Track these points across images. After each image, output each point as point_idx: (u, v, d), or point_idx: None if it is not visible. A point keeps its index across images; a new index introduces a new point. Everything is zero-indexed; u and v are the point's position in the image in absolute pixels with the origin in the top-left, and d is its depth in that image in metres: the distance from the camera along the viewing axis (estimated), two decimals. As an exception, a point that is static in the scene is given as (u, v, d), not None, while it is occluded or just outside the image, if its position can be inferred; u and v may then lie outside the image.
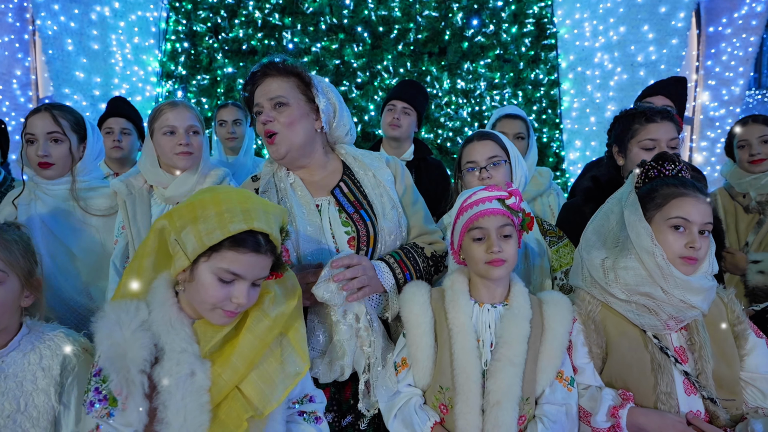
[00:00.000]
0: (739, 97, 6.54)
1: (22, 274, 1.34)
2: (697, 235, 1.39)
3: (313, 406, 1.47)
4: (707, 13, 6.46)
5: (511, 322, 1.46)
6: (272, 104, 1.64)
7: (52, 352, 1.34)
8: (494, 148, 1.92)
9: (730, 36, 6.37)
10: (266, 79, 1.68)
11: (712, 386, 1.40)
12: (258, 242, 1.20)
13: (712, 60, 6.52)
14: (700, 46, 6.60)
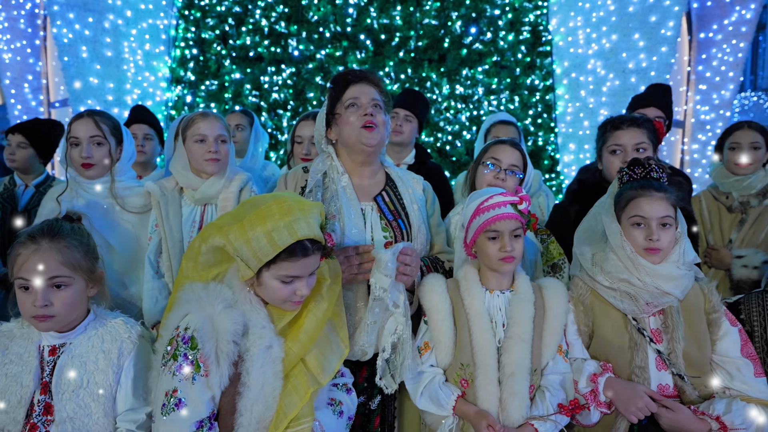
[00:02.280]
0: (729, 101, 6.74)
1: (85, 273, 1.52)
2: (655, 229, 1.60)
3: (344, 379, 1.68)
4: (698, 19, 6.66)
5: (518, 305, 1.67)
6: (372, 103, 1.85)
7: (112, 337, 1.53)
8: (518, 159, 2.13)
9: (720, 42, 6.57)
10: (365, 83, 1.89)
11: (682, 364, 1.61)
12: (306, 247, 1.39)
13: (703, 65, 6.73)
14: (691, 52, 6.80)
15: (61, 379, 1.44)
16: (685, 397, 1.62)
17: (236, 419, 1.36)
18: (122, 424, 1.48)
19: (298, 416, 1.40)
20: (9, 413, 1.42)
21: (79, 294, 1.50)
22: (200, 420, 1.31)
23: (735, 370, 1.61)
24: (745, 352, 1.62)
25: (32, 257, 1.42)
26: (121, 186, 2.30)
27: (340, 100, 1.88)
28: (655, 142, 2.11)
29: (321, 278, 1.52)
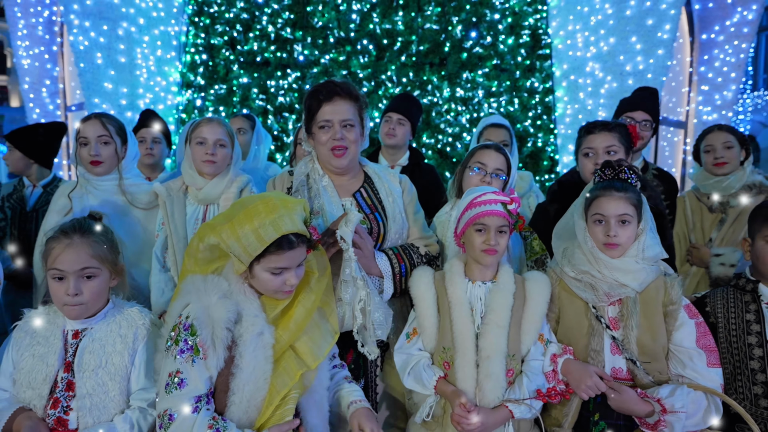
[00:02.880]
0: (732, 101, 6.80)
1: (110, 265, 1.71)
2: (613, 226, 1.75)
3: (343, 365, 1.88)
4: (700, 21, 6.74)
5: (497, 295, 1.82)
6: (342, 124, 1.99)
7: (128, 323, 1.70)
8: (503, 163, 2.27)
9: (722, 43, 6.64)
10: (337, 100, 2.00)
11: (635, 350, 1.75)
12: (291, 241, 1.54)
13: (705, 66, 6.80)
14: (693, 53, 6.88)
15: (83, 359, 1.62)
16: (637, 380, 1.76)
17: (229, 397, 1.52)
18: (135, 402, 1.66)
19: (287, 395, 1.56)
20: (35, 389, 1.60)
21: (105, 284, 1.68)
22: (198, 396, 1.48)
23: (688, 359, 1.75)
24: (701, 343, 1.76)
25: (66, 250, 1.60)
26: (128, 183, 2.48)
27: (314, 119, 2.03)
28: (627, 145, 2.25)
29: (310, 272, 1.68)
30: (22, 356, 1.63)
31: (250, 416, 1.53)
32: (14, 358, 1.64)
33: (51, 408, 1.60)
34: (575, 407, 1.81)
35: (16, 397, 1.63)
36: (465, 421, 1.69)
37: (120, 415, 1.63)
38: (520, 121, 5.47)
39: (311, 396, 1.66)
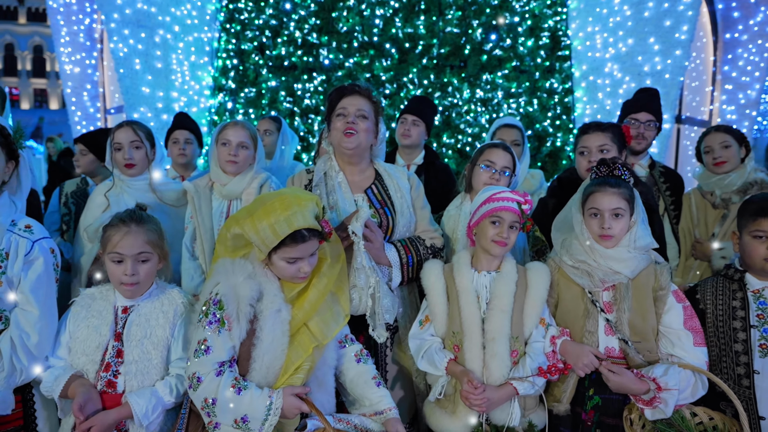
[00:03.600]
0: (756, 100, 6.78)
1: (159, 250, 1.95)
2: (607, 219, 1.90)
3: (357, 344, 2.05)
4: (723, 20, 6.74)
5: (500, 283, 1.99)
6: (356, 113, 2.20)
7: (169, 302, 1.94)
8: (509, 161, 2.44)
9: (746, 42, 6.63)
10: (356, 95, 2.24)
11: (627, 332, 1.91)
12: (303, 235, 1.74)
13: (729, 65, 6.80)
14: (717, 52, 6.88)
15: (131, 330, 1.86)
16: (629, 358, 1.91)
17: (251, 364, 1.74)
18: (173, 369, 1.89)
19: (300, 366, 1.77)
20: (88, 355, 1.84)
21: (155, 267, 1.93)
22: (221, 362, 1.70)
23: (676, 339, 1.90)
24: (688, 325, 1.90)
25: (125, 237, 1.85)
26: (158, 182, 2.73)
27: (334, 109, 2.24)
28: (620, 144, 2.39)
29: (323, 258, 1.88)
30: (78, 327, 1.88)
31: (269, 381, 1.74)
32: (71, 329, 1.89)
33: (103, 371, 1.84)
34: (573, 384, 1.97)
35: (70, 365, 1.88)
36: (473, 398, 1.87)
37: (161, 381, 1.86)
38: (539, 122, 5.60)
39: (315, 373, 1.86)
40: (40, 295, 1.85)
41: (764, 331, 1.93)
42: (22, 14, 40.37)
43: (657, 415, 1.81)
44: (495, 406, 1.90)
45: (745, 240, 1.99)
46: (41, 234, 1.88)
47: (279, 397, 1.68)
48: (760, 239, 1.93)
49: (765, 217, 1.91)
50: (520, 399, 1.94)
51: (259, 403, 1.66)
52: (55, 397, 1.83)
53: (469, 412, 1.91)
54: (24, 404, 1.93)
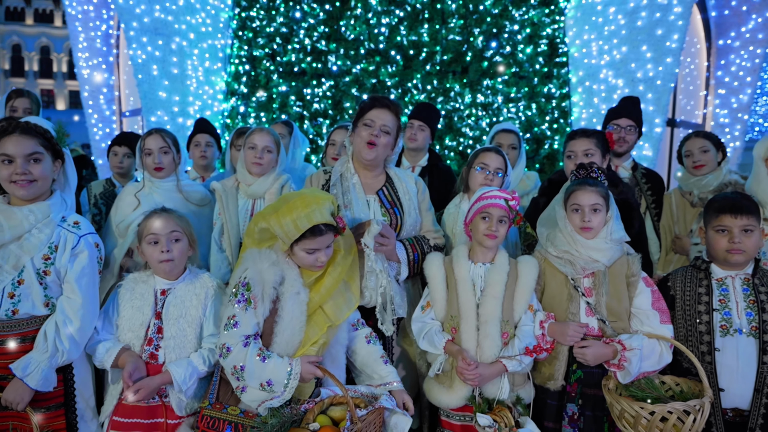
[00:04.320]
0: (747, 104, 7.02)
1: (189, 236, 2.22)
2: (587, 213, 2.17)
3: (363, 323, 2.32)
4: (717, 27, 6.99)
5: (494, 272, 2.25)
6: (382, 128, 2.44)
7: (201, 285, 2.21)
8: (502, 163, 2.70)
9: (738, 48, 6.87)
10: (385, 110, 2.46)
11: (604, 313, 2.17)
12: (321, 229, 2.00)
13: (722, 70, 7.04)
14: (710, 58, 7.12)
15: (169, 310, 2.13)
16: (606, 336, 2.18)
17: (273, 338, 2.01)
18: (205, 344, 2.16)
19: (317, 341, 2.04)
20: (134, 332, 2.11)
21: (186, 248, 2.20)
22: (248, 335, 1.97)
23: (645, 318, 2.16)
24: (655, 306, 2.17)
25: (158, 219, 2.14)
26: (183, 183, 2.99)
27: (363, 116, 2.48)
28: (603, 148, 2.65)
29: (337, 250, 2.15)
30: (124, 308, 2.15)
31: (288, 353, 2.01)
32: (119, 309, 2.17)
33: (147, 345, 2.11)
34: (564, 362, 2.23)
35: (118, 340, 2.15)
36: (467, 373, 2.13)
37: (195, 353, 2.13)
38: (537, 125, 5.85)
39: (329, 350, 2.13)
40: (83, 285, 2.09)
41: (725, 314, 2.18)
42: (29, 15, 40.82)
43: (626, 376, 2.07)
44: (486, 381, 2.16)
45: (709, 234, 2.25)
46: (88, 230, 2.14)
47: (297, 364, 1.95)
48: (722, 233, 2.18)
49: (726, 213, 2.16)
50: (509, 375, 2.20)
51: (281, 369, 1.93)
52: (107, 367, 2.10)
53: (464, 386, 2.17)
54: (65, 383, 2.14)
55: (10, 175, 1.95)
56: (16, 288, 1.98)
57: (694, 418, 1.84)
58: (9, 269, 1.94)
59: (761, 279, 2.20)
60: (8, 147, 1.95)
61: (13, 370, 1.93)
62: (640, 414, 1.88)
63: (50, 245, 2.02)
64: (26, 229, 1.97)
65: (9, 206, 2.00)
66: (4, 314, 1.97)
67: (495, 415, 2.03)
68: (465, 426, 2.21)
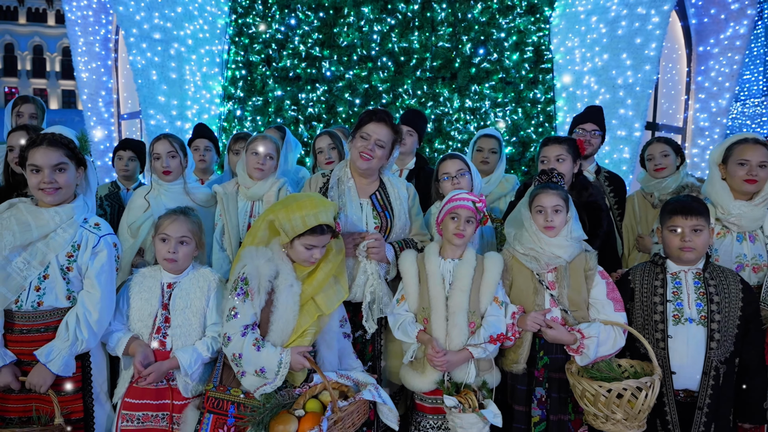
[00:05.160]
0: (726, 108, 7.28)
1: (198, 240, 2.43)
2: (550, 213, 2.40)
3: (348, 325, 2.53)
4: (697, 34, 7.25)
5: (461, 268, 2.48)
6: (376, 142, 2.63)
7: (204, 279, 2.42)
8: (461, 164, 2.93)
9: (717, 55, 7.13)
10: (382, 124, 2.64)
11: (566, 303, 2.41)
12: (323, 229, 2.23)
13: (702, 76, 7.30)
14: (691, 64, 7.38)
15: (175, 302, 2.35)
16: (568, 324, 2.41)
17: (269, 326, 2.23)
18: (209, 332, 2.38)
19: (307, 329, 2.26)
20: (142, 321, 2.33)
21: (192, 251, 2.42)
22: (246, 325, 2.18)
23: (601, 307, 2.40)
24: (610, 296, 2.41)
25: (173, 223, 2.35)
26: (190, 186, 3.19)
27: (360, 128, 2.68)
28: (574, 153, 2.88)
29: (329, 249, 2.37)
30: (134, 300, 2.37)
31: (284, 339, 2.23)
32: (129, 302, 2.38)
33: (155, 333, 2.33)
34: (527, 347, 2.46)
35: (129, 329, 2.37)
36: (436, 360, 2.35)
37: (200, 341, 2.35)
38: (523, 129, 6.09)
39: (323, 337, 2.36)
40: (102, 280, 2.31)
41: (677, 304, 2.42)
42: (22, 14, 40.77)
43: (584, 360, 2.31)
44: (454, 367, 2.39)
45: (664, 233, 2.49)
46: (107, 231, 2.36)
47: (288, 354, 2.17)
48: (675, 233, 2.42)
49: (677, 215, 2.40)
50: (475, 361, 2.42)
51: (273, 358, 2.15)
52: (119, 354, 2.32)
53: (435, 371, 2.40)
54: (83, 369, 2.36)
55: (39, 183, 2.16)
56: (42, 282, 2.20)
57: (646, 393, 2.08)
58: (36, 265, 2.15)
59: (711, 273, 2.44)
60: (37, 158, 2.16)
61: (37, 356, 2.15)
62: (599, 392, 2.12)
63: (73, 244, 2.23)
64: (52, 229, 2.18)
65: (37, 208, 2.22)
66: (30, 306, 2.18)
67: (461, 397, 2.26)
68: (436, 408, 2.44)
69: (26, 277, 2.16)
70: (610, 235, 2.89)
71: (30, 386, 2.16)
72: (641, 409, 2.09)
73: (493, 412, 2.27)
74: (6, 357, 2.16)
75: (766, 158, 2.56)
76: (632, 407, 2.10)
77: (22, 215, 2.17)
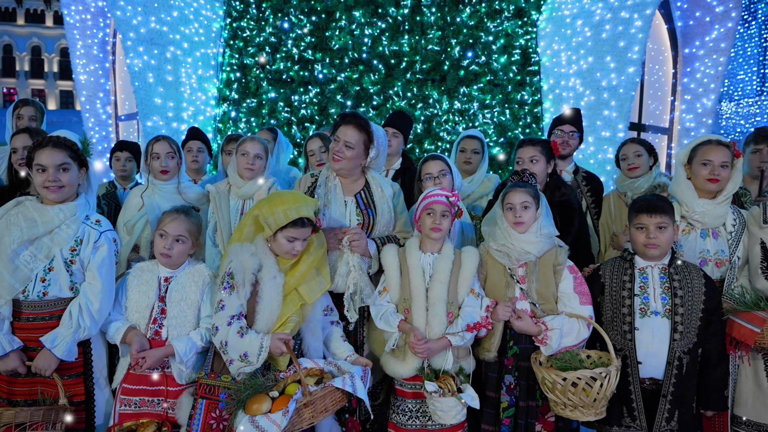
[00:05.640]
0: (711, 109, 7.45)
1: (193, 238, 2.57)
2: (518, 209, 2.55)
3: (335, 313, 2.68)
4: (682, 36, 7.42)
5: (440, 261, 2.63)
6: (345, 144, 2.77)
7: (199, 274, 2.56)
8: (442, 165, 3.09)
9: (702, 57, 7.30)
10: (349, 126, 2.78)
11: (535, 297, 2.57)
12: (303, 222, 2.38)
13: (687, 77, 7.47)
14: (677, 66, 7.55)
15: (171, 294, 2.50)
16: (536, 316, 2.57)
17: (255, 315, 2.38)
18: (203, 323, 2.53)
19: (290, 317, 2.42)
20: (140, 312, 2.48)
21: (188, 249, 2.56)
22: (232, 315, 2.33)
23: (568, 300, 2.55)
24: (577, 290, 2.56)
25: (173, 221, 2.50)
26: (183, 186, 3.34)
27: (334, 132, 2.85)
28: (548, 154, 3.04)
29: (311, 242, 2.53)
30: (131, 292, 2.52)
31: (269, 327, 2.38)
32: (127, 293, 2.54)
33: (152, 324, 2.49)
34: (498, 337, 2.61)
35: (127, 319, 2.52)
36: (417, 347, 2.50)
37: (194, 331, 2.50)
38: (511, 130, 6.25)
39: (308, 325, 2.51)
40: (103, 273, 2.47)
41: (644, 298, 2.57)
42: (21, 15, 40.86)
43: (548, 350, 2.47)
44: (434, 354, 2.54)
45: (631, 230, 2.64)
46: (107, 227, 2.52)
47: (267, 339, 2.32)
48: (641, 230, 2.57)
49: (643, 212, 2.55)
50: (453, 349, 2.58)
51: (254, 343, 2.30)
52: (117, 342, 2.47)
53: (415, 358, 2.55)
54: (84, 355, 2.53)
55: (44, 181, 2.33)
56: (47, 274, 2.36)
57: (601, 383, 2.23)
58: (42, 258, 2.31)
59: (676, 269, 2.60)
60: (42, 158, 2.33)
61: (43, 342, 2.31)
62: (556, 380, 2.27)
63: (76, 239, 2.40)
64: (56, 225, 2.34)
65: (42, 205, 2.38)
66: (36, 295, 2.35)
67: (440, 382, 2.41)
68: (416, 393, 2.59)
69: (33, 269, 2.32)
70: (583, 232, 3.05)
71: (36, 370, 2.32)
72: (596, 397, 2.24)
73: (471, 395, 2.42)
74: (14, 343, 2.32)
75: (727, 158, 2.70)
76: (587, 395, 2.24)
77: (29, 212, 2.34)
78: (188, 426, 2.34)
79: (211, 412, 2.31)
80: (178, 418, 2.39)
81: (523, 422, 2.55)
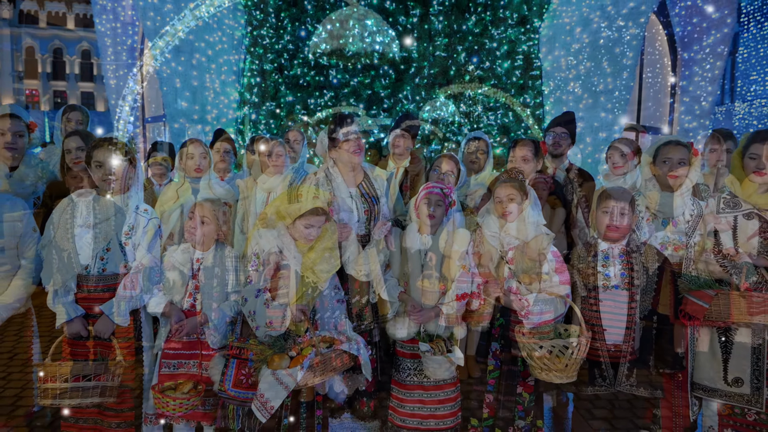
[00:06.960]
0: (708, 111, 7.74)
1: (216, 222, 2.97)
2: (505, 202, 2.94)
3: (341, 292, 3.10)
4: (681, 41, 7.73)
5: (435, 242, 3.03)
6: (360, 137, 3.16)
7: (227, 254, 2.97)
8: (453, 167, 3.48)
9: (700, 60, 7.59)
10: (353, 123, 3.16)
11: (521, 276, 2.96)
12: (318, 211, 2.79)
13: (686, 80, 7.77)
14: (676, 69, 7.85)
15: (204, 272, 2.94)
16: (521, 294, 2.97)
17: (278, 290, 2.81)
18: (231, 296, 2.96)
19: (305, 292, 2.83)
20: (177, 288, 2.90)
21: (211, 232, 2.96)
22: (259, 289, 2.75)
23: (549, 279, 2.94)
24: (557, 271, 2.94)
25: (198, 206, 2.91)
26: (212, 183, 3.78)
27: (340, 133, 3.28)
28: (537, 154, 3.43)
29: (325, 230, 2.93)
30: (169, 271, 2.96)
31: (289, 299, 2.79)
32: (165, 273, 2.97)
33: (187, 298, 2.92)
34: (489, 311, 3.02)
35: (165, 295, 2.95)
36: (414, 315, 2.91)
37: (224, 303, 2.93)
38: (514, 131, 6.62)
39: (321, 299, 2.92)
40: (150, 252, 2.90)
41: (606, 274, 2.94)
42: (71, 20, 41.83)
43: (529, 324, 2.84)
44: (428, 320, 2.94)
45: (598, 214, 2.99)
46: (153, 215, 2.95)
47: (288, 309, 2.75)
48: (606, 214, 2.95)
49: (610, 199, 2.93)
50: (445, 316, 2.97)
51: (278, 312, 2.73)
52: (158, 314, 2.90)
53: (413, 324, 2.96)
54: (135, 322, 2.91)
55: (102, 176, 2.77)
56: (105, 254, 2.80)
57: (572, 351, 2.61)
58: (101, 240, 2.76)
59: (633, 248, 2.97)
60: (99, 156, 2.77)
61: (102, 309, 2.75)
62: (533, 348, 2.67)
63: (128, 225, 2.84)
64: (112, 213, 2.78)
65: (100, 196, 2.82)
66: (96, 271, 2.79)
67: (433, 344, 2.82)
68: (413, 354, 2.99)
69: (94, 249, 2.77)
70: (566, 222, 3.43)
71: (96, 333, 2.76)
72: (567, 363, 2.62)
73: (458, 355, 2.81)
74: (78, 311, 2.76)
75: (685, 156, 3.06)
76: (560, 361, 2.62)
77: (90, 202, 2.79)
78: (221, 381, 2.77)
79: (241, 369, 2.73)
80: (211, 376, 2.82)
81: (505, 383, 2.95)
